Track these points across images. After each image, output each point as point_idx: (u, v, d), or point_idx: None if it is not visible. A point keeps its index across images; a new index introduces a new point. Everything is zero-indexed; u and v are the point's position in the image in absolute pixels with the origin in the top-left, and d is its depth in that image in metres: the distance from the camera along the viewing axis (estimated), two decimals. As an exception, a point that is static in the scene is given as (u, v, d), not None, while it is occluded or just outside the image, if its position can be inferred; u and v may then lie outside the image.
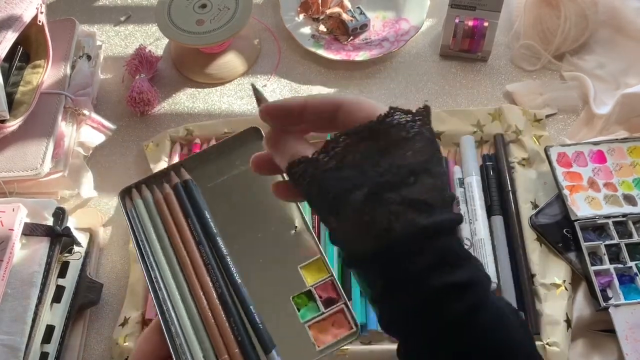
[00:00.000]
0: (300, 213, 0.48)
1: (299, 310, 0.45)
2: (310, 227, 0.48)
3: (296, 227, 0.48)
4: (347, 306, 0.45)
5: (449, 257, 0.30)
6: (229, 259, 0.46)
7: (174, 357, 0.42)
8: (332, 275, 0.45)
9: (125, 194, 0.49)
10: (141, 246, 0.47)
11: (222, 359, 0.42)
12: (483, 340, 0.30)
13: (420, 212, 0.30)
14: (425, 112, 0.34)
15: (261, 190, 0.49)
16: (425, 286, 0.30)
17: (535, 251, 0.64)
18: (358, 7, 0.86)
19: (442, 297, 0.30)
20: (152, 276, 0.46)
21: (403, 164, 0.31)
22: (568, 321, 0.60)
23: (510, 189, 0.68)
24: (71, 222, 0.68)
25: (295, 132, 0.34)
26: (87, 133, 0.76)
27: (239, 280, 0.45)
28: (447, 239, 0.31)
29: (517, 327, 0.32)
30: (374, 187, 0.30)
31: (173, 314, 0.44)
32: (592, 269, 0.61)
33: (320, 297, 0.45)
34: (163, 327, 0.43)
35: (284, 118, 0.34)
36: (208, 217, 0.47)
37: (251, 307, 0.44)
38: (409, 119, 0.33)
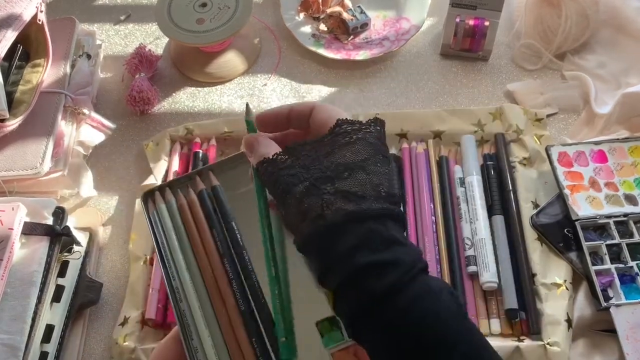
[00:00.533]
0: None
1: (322, 335, 0.42)
2: None
3: None
4: None
5: (374, 240, 0.34)
6: (254, 276, 0.43)
7: None
8: None
9: (148, 197, 0.46)
10: (163, 254, 0.44)
11: None
12: (403, 320, 0.33)
13: (349, 200, 0.35)
14: (372, 122, 0.39)
15: None
16: (350, 265, 0.34)
17: (536, 251, 0.64)
18: (358, 6, 0.85)
19: (364, 275, 0.33)
20: (173, 285, 0.43)
21: (341, 162, 0.36)
22: (569, 321, 0.60)
23: (511, 188, 0.68)
24: (71, 222, 0.68)
25: (267, 138, 0.40)
26: (86, 132, 0.75)
27: (263, 299, 0.42)
28: (375, 224, 0.34)
29: (447, 308, 0.33)
30: (314, 180, 0.36)
31: (193, 328, 0.42)
32: (593, 268, 0.61)
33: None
34: (182, 339, 0.42)
35: (275, 124, 0.40)
36: (235, 228, 0.44)
37: (275, 328, 0.41)
38: (355, 128, 0.38)
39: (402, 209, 0.68)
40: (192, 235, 0.44)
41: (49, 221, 0.65)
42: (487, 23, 0.77)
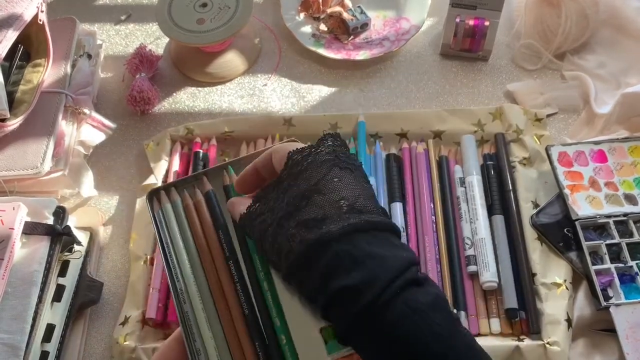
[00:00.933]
0: None
1: (326, 342, 0.41)
2: None
3: None
4: None
5: (343, 262, 0.33)
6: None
7: None
8: None
9: (154, 196, 0.45)
10: (167, 254, 0.44)
11: None
12: (385, 341, 0.32)
13: (310, 229, 0.35)
14: (323, 139, 0.39)
15: None
16: (325, 294, 0.34)
17: (536, 250, 0.64)
18: (359, 6, 0.85)
19: (340, 300, 0.33)
20: (177, 287, 0.43)
21: (297, 193, 0.36)
22: (569, 320, 0.60)
23: (511, 188, 0.68)
24: (71, 221, 0.68)
25: (243, 197, 0.41)
26: (87, 132, 0.75)
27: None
28: (340, 245, 0.34)
29: (432, 322, 0.32)
30: (278, 219, 0.36)
31: (195, 329, 0.42)
32: (592, 268, 0.61)
33: None
34: (185, 341, 0.41)
35: (251, 184, 0.41)
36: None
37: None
38: (305, 154, 0.38)
39: (402, 209, 0.68)
40: (198, 236, 0.44)
41: (50, 221, 0.65)
42: (487, 23, 0.77)
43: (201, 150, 0.74)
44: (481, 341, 0.60)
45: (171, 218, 0.45)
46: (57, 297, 0.63)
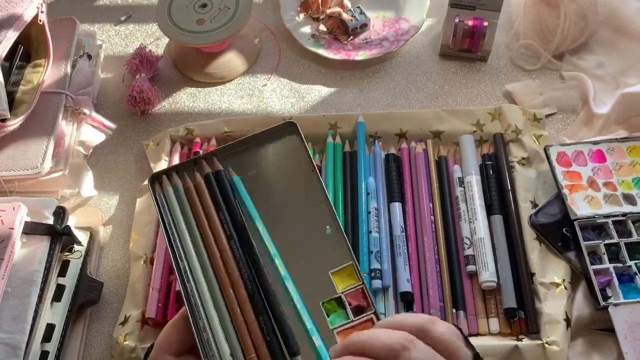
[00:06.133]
0: (332, 216, 0.46)
1: (328, 316, 0.43)
2: (343, 232, 0.45)
3: (328, 228, 0.46)
4: (376, 316, 0.43)
5: None
6: (260, 257, 0.44)
7: (200, 350, 0.41)
8: (363, 283, 0.44)
9: (155, 180, 0.47)
10: (170, 236, 0.45)
11: (249, 357, 0.41)
12: None
13: None
14: None
15: (292, 187, 0.47)
16: None
17: (534, 250, 0.64)
18: (358, 7, 0.86)
19: None
20: (181, 267, 0.44)
21: None
22: (567, 320, 0.60)
23: (509, 188, 0.68)
24: (71, 221, 0.68)
25: None
26: (87, 132, 0.76)
27: (270, 280, 0.43)
28: None
29: None
30: None
31: (201, 308, 0.42)
32: (591, 268, 0.61)
33: (350, 304, 0.44)
34: (190, 320, 0.42)
35: None
36: (240, 211, 0.45)
37: (281, 308, 0.42)
38: None
39: (401, 209, 0.68)
40: (199, 217, 0.45)
41: (50, 221, 0.65)
42: (486, 23, 0.77)
43: (201, 151, 0.74)
44: (480, 341, 0.61)
45: (173, 201, 0.46)
46: (57, 297, 0.64)
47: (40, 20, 0.73)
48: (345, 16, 0.84)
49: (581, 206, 0.65)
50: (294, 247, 0.45)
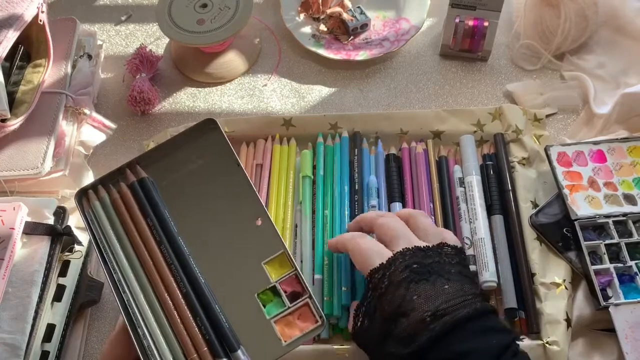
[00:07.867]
0: (261, 207, 0.47)
1: (264, 306, 0.45)
2: (272, 221, 0.47)
3: (258, 220, 0.47)
4: (312, 299, 0.45)
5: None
6: (191, 258, 0.45)
7: (142, 358, 0.42)
8: (295, 269, 0.46)
9: (82, 196, 0.48)
10: (102, 249, 0.46)
11: (191, 358, 0.42)
12: None
13: (405, 345, 0.43)
14: (395, 257, 0.47)
15: (219, 184, 0.48)
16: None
17: (535, 250, 0.64)
18: (358, 7, 0.86)
19: None
20: (115, 279, 0.45)
21: (385, 316, 0.44)
22: (568, 320, 0.60)
23: (510, 188, 0.68)
24: (72, 221, 0.68)
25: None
26: (87, 132, 0.76)
27: (203, 280, 0.44)
28: (431, 353, 0.41)
29: None
30: (378, 339, 0.45)
31: (139, 316, 0.43)
32: (592, 268, 0.61)
33: (285, 291, 0.45)
34: (129, 330, 0.43)
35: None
36: (167, 215, 0.46)
37: (216, 306, 0.43)
38: (380, 275, 0.46)
39: (401, 209, 0.68)
40: (128, 225, 0.46)
41: (50, 221, 0.65)
42: (486, 23, 0.77)
43: (201, 151, 0.74)
44: (480, 341, 0.61)
45: (101, 214, 0.47)
46: (58, 297, 0.64)
47: (40, 20, 0.73)
48: (345, 16, 0.84)
49: (582, 206, 0.65)
50: (226, 242, 0.47)
